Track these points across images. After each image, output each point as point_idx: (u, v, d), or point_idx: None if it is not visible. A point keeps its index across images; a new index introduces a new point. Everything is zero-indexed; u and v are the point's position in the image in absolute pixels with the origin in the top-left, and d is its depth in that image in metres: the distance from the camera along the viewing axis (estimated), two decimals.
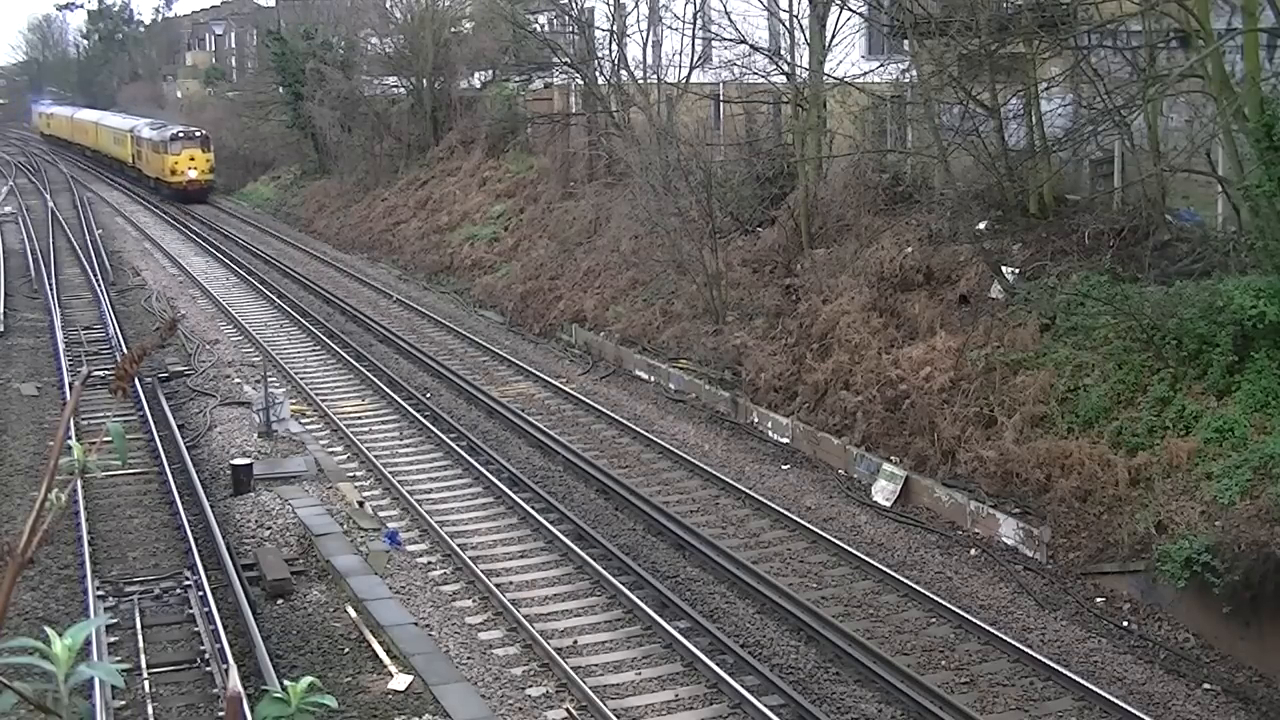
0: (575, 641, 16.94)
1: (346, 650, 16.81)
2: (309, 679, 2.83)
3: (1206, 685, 15.67)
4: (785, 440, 24.82)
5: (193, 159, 65.48)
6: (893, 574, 18.62)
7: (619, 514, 21.68)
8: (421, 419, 26.68)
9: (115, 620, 17.27)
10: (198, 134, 66.80)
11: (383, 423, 27.14)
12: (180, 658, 16.53)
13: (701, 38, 35.66)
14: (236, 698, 3.14)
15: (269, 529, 20.87)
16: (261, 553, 19.59)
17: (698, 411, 26.99)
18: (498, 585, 18.43)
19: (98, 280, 42.13)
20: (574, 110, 45.06)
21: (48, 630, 2.68)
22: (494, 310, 37.58)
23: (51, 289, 40.61)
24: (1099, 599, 17.77)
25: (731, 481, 22.64)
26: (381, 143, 56.26)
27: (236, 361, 32.00)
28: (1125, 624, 17.17)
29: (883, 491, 21.74)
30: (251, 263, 46.48)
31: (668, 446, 24.62)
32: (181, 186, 64.88)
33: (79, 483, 4.15)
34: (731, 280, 28.94)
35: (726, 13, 31.34)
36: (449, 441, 25.18)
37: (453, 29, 55.16)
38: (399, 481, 22.91)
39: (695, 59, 35.56)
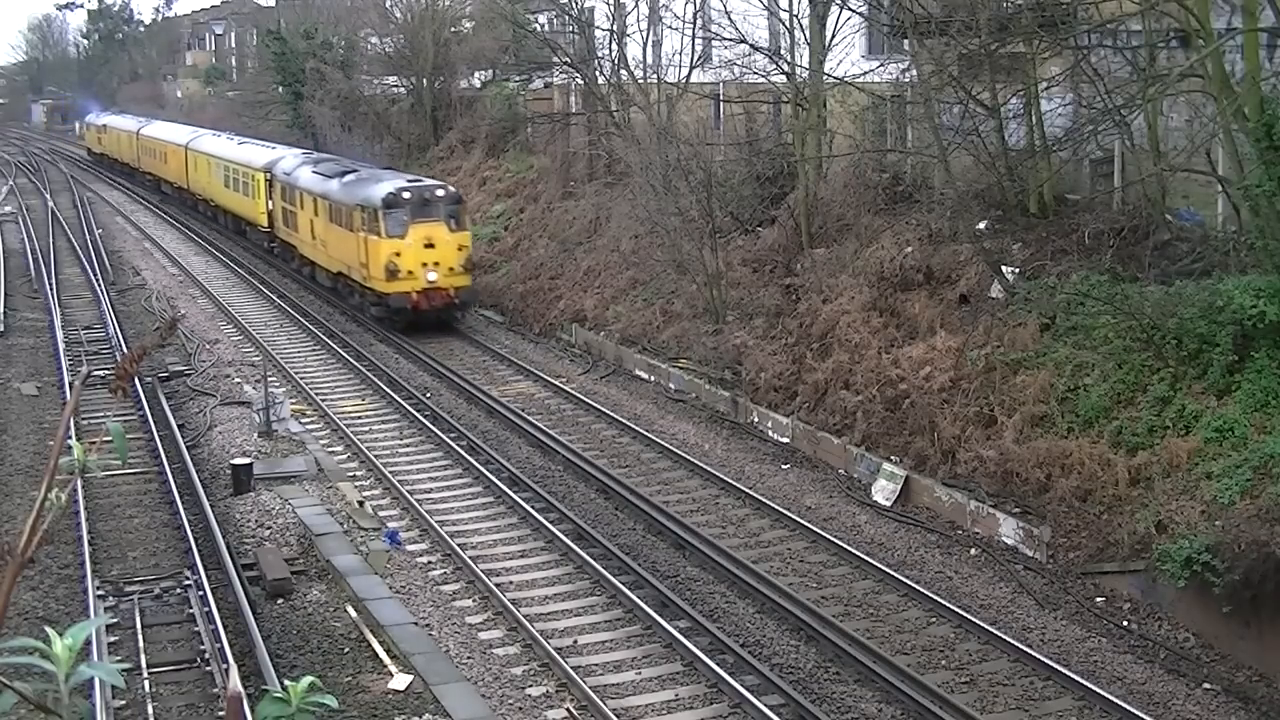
0: (575, 641, 16.94)
1: (346, 650, 16.82)
2: (309, 679, 2.84)
3: (1206, 685, 15.67)
4: (785, 440, 24.81)
5: (431, 245, 33.45)
6: (893, 574, 18.62)
7: (619, 513, 21.68)
8: (421, 418, 26.68)
9: (115, 620, 17.27)
10: (440, 192, 34.87)
11: (383, 422, 27.13)
12: (180, 657, 16.54)
13: (701, 37, 35.67)
14: (237, 697, 3.15)
15: (269, 529, 20.87)
16: (261, 552, 19.59)
17: (698, 411, 26.99)
18: (498, 585, 18.43)
19: (98, 280, 42.12)
20: (574, 110, 45.06)
21: (48, 630, 2.68)
22: (494, 310, 37.57)
23: (51, 289, 40.62)
24: (1099, 599, 17.77)
25: (731, 481, 22.64)
26: (381, 142, 56.23)
27: (236, 361, 31.99)
28: (1125, 624, 17.17)
29: (883, 491, 21.73)
30: (253, 264, 46.41)
31: (668, 446, 24.62)
32: (410, 301, 33.47)
33: (79, 482, 4.16)
34: (731, 280, 28.93)
35: (726, 12, 31.34)
36: (449, 441, 25.18)
37: (453, 29, 55.20)
38: (399, 481, 22.91)
39: (695, 59, 35.56)
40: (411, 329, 33.78)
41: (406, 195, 33.91)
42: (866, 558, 19.22)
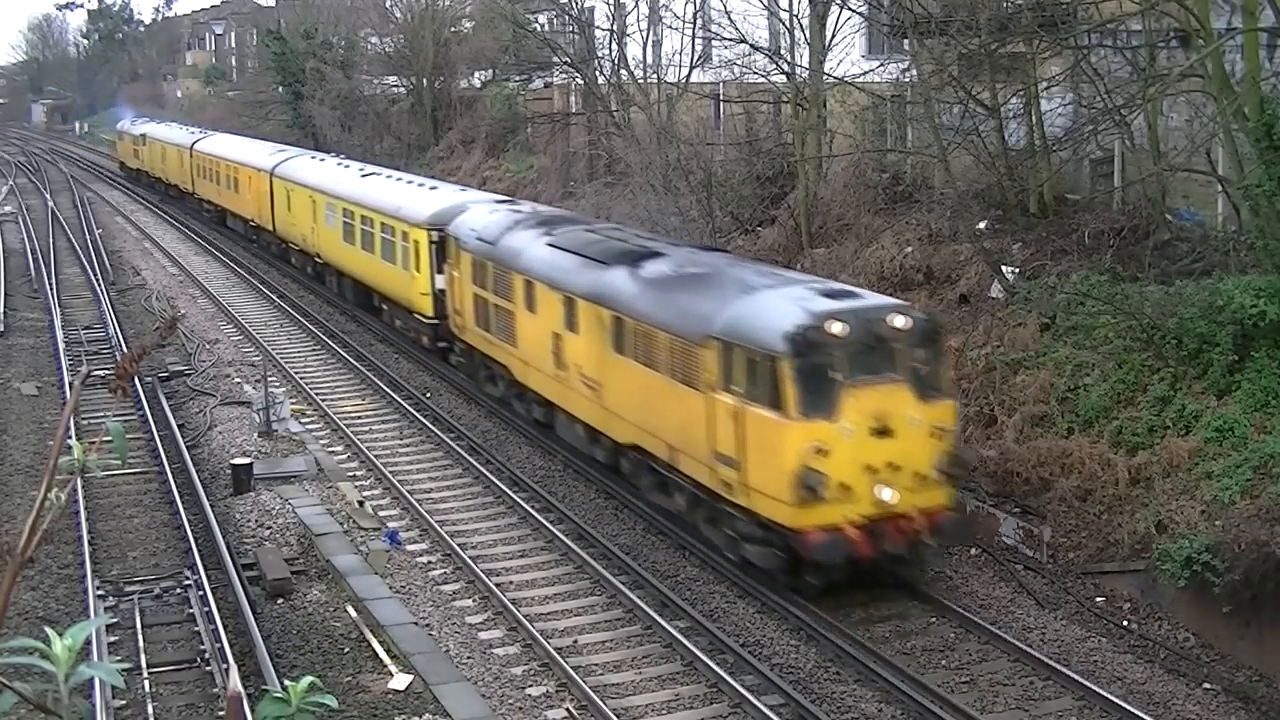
0: (575, 641, 16.93)
1: (346, 650, 16.81)
2: (309, 679, 2.84)
3: (1206, 685, 15.67)
4: None
5: (887, 431, 16.30)
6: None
7: (619, 514, 21.66)
8: (422, 419, 26.66)
9: (115, 620, 17.27)
10: (899, 322, 16.60)
11: (383, 422, 27.12)
12: (180, 657, 16.53)
13: (701, 37, 35.69)
14: (237, 697, 3.15)
15: (269, 528, 20.87)
16: (261, 552, 19.59)
17: None
18: (498, 585, 18.42)
19: (98, 280, 42.12)
20: (574, 110, 45.09)
21: (48, 630, 2.69)
22: None
23: (51, 288, 40.62)
24: (1099, 599, 17.77)
25: None
26: (381, 142, 56.31)
27: (236, 361, 31.98)
28: (1125, 623, 17.17)
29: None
30: (255, 265, 46.41)
31: None
32: (847, 545, 16.14)
33: (79, 482, 4.17)
34: None
35: (726, 12, 31.36)
36: (449, 441, 25.17)
37: (453, 28, 55.29)
38: (399, 481, 22.90)
39: (695, 58, 35.58)
40: (813, 576, 17.16)
41: (836, 330, 16.34)
42: None
